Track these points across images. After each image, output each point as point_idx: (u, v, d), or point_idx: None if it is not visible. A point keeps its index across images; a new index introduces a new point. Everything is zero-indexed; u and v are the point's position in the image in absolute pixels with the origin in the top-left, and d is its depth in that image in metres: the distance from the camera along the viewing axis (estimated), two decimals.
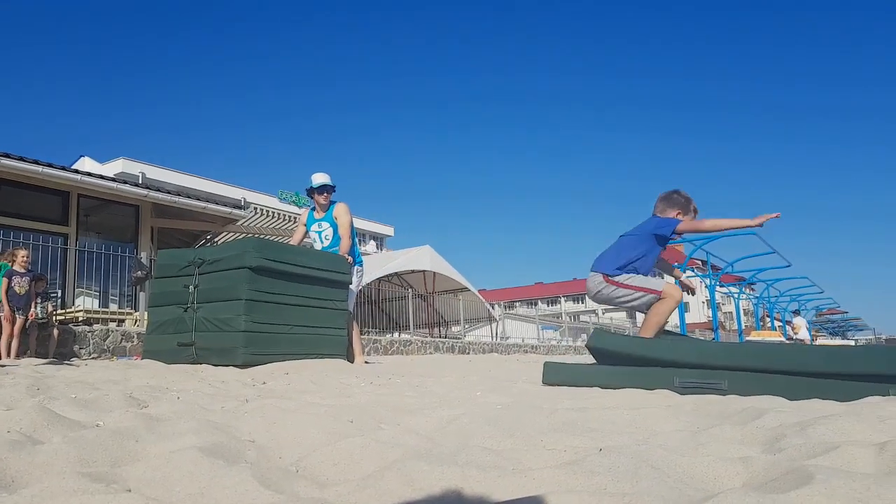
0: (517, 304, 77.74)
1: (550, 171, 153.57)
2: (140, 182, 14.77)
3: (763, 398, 2.80)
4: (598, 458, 1.34)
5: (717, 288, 20.97)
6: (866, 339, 46.34)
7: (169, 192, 13.48)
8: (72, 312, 9.71)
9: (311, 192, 6.96)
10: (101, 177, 12.65)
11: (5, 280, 7.53)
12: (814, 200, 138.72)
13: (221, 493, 1.18)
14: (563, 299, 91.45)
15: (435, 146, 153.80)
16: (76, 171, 12.07)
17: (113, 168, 31.18)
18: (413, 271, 22.54)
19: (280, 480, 1.25)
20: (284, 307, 5.91)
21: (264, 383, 3.81)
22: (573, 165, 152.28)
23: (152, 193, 12.91)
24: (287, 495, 1.17)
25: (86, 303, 11.86)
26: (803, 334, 22.72)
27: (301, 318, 6.06)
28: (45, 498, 1.04)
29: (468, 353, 17.81)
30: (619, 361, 3.99)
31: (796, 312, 26.32)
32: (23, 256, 7.85)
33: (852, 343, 26.88)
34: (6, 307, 7.40)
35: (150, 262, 10.98)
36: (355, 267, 6.99)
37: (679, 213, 4.67)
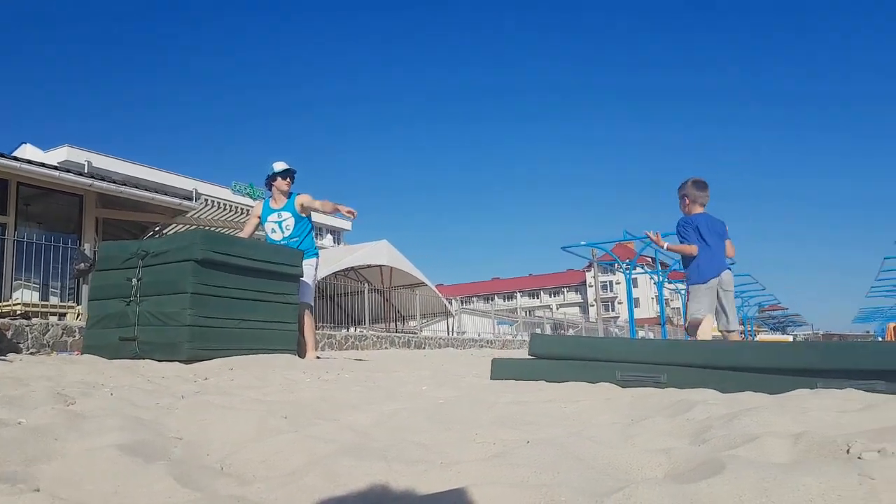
0: (474, 299, 78.17)
1: (507, 167, 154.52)
2: (85, 171, 14.36)
3: (697, 391, 2.87)
4: (524, 451, 1.36)
5: (665, 284, 21.44)
6: (804, 335, 47.99)
7: (115, 182, 13.11)
8: (9, 306, 9.38)
9: (273, 178, 6.83)
10: (43, 165, 12.22)
11: None
12: (757, 200, 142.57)
13: (136, 491, 1.16)
14: (518, 295, 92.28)
15: (393, 141, 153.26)
16: (15, 159, 11.65)
17: (57, 156, 30.17)
18: (370, 266, 22.43)
19: (201, 478, 1.24)
20: (232, 301, 5.81)
21: (206, 379, 3.75)
22: (531, 162, 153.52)
23: (97, 183, 12.54)
24: (205, 493, 1.15)
25: (24, 296, 11.45)
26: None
27: (249, 313, 5.96)
28: None
29: (424, 347, 17.82)
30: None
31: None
32: None
33: (790, 338, 27.80)
34: None
35: (94, 253, 10.66)
36: (311, 258, 6.89)
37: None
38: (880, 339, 29.78)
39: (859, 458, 1.25)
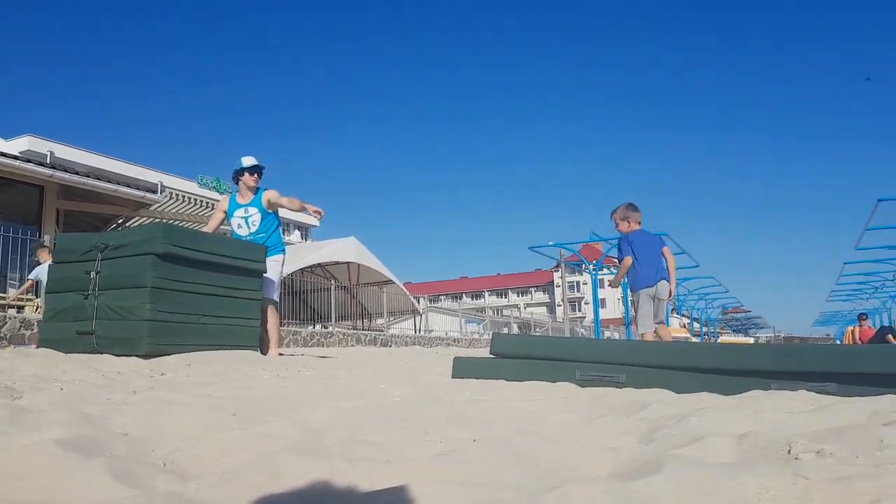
0: (442, 297, 78.15)
1: (477, 166, 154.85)
2: (47, 161, 14.02)
3: (653, 391, 2.91)
4: (471, 449, 1.36)
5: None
6: (766, 337, 49.00)
7: (77, 173, 12.85)
8: None
9: (241, 173, 6.73)
10: (3, 154, 11.94)
11: None
12: (722, 202, 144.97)
13: (72, 488, 1.13)
14: (487, 294, 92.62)
15: (363, 138, 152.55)
16: None
17: (18, 145, 29.40)
18: (337, 263, 22.30)
19: (141, 475, 1.21)
20: (193, 296, 5.72)
21: (163, 375, 3.70)
22: (500, 162, 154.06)
23: (58, 174, 12.28)
24: (143, 490, 1.13)
25: None
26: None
27: (211, 308, 5.88)
28: None
29: (391, 345, 17.79)
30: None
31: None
32: None
33: (751, 340, 28.36)
34: None
35: (55, 245, 10.41)
36: (278, 254, 6.82)
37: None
38: (839, 342, 30.58)
39: (797, 458, 1.28)
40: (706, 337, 31.89)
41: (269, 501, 1.10)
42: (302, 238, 48.60)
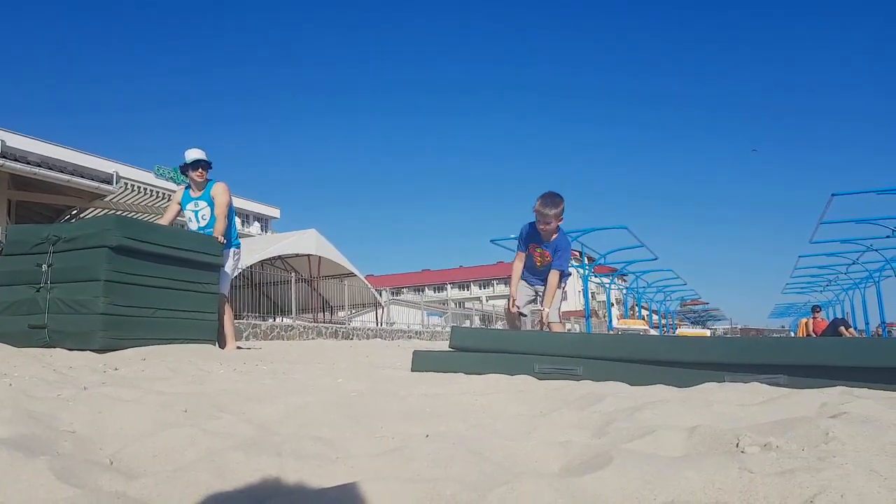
0: (404, 290, 78.11)
1: (439, 159, 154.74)
2: None
3: (609, 384, 2.95)
4: (420, 445, 1.36)
5: (591, 278, 21.96)
6: (724, 329, 50.03)
7: (29, 163, 12.48)
8: None
9: (186, 168, 6.64)
10: None
11: None
12: (681, 194, 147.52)
13: (13, 487, 1.10)
14: (449, 286, 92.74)
15: (325, 130, 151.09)
16: None
17: None
18: (298, 255, 22.13)
19: (84, 473, 1.19)
20: (148, 289, 5.62)
21: (116, 369, 3.62)
22: (462, 154, 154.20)
23: (9, 163, 11.91)
24: (87, 489, 1.10)
25: None
26: None
27: (167, 302, 5.79)
28: None
29: (352, 338, 17.72)
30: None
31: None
32: None
33: (708, 332, 28.95)
34: None
35: (5, 237, 10.12)
36: (231, 249, 6.76)
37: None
38: (793, 333, 31.38)
39: (743, 452, 1.30)
40: (665, 329, 32.45)
41: (215, 500, 1.09)
42: (262, 230, 47.98)
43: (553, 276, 5.39)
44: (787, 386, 2.94)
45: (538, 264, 5.53)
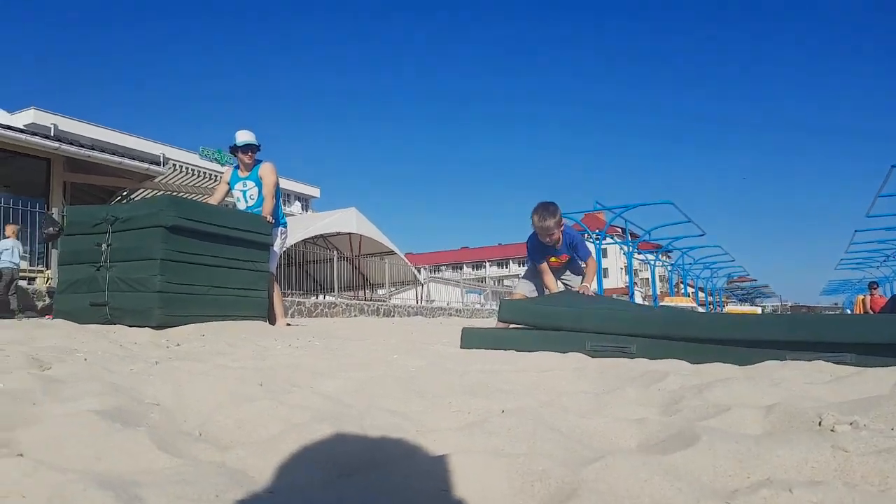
0: (443, 268, 78.35)
1: (477, 135, 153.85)
2: (52, 134, 13.95)
3: (667, 362, 2.92)
4: (498, 420, 1.37)
5: (635, 255, 21.68)
6: (773, 306, 48.89)
7: (83, 146, 12.80)
8: None
9: (235, 150, 6.76)
10: (9, 127, 11.88)
11: None
12: (731, 170, 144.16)
13: (118, 456, 1.15)
14: (487, 264, 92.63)
15: (364, 108, 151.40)
16: None
17: (23, 118, 29.20)
18: (339, 233, 22.32)
19: (180, 444, 1.23)
20: (202, 268, 5.75)
21: (178, 345, 3.73)
22: (501, 131, 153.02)
23: (64, 146, 12.24)
24: (186, 459, 1.15)
25: None
26: None
27: (220, 280, 5.92)
28: None
29: (393, 315, 17.87)
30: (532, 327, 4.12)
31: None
32: None
33: (759, 310, 28.32)
34: None
35: (62, 218, 10.43)
36: (279, 228, 6.87)
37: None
38: (848, 311, 30.47)
39: (832, 430, 1.28)
40: (711, 306, 31.87)
41: (307, 470, 1.12)
42: (303, 209, 48.50)
43: (590, 263, 5.53)
44: (854, 364, 2.88)
45: (556, 267, 5.63)
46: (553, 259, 5.49)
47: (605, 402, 1.86)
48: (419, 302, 24.44)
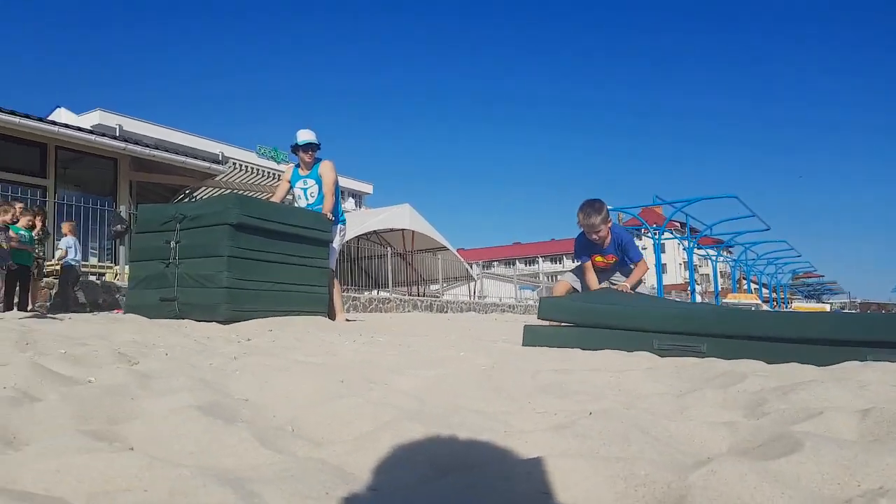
0: (495, 263, 78.17)
1: (531, 132, 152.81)
2: (117, 135, 14.48)
3: (743, 362, 2.86)
4: (588, 422, 1.36)
5: (695, 250, 21.19)
6: (840, 304, 47.07)
7: (147, 146, 13.23)
8: (52, 265, 9.61)
9: (296, 148, 6.89)
10: (80, 129, 12.38)
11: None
12: (797, 164, 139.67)
13: (222, 451, 1.19)
14: (540, 259, 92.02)
15: (415, 105, 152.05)
16: (53, 123, 11.78)
17: (89, 120, 30.32)
18: (392, 229, 22.50)
19: (278, 440, 1.27)
20: (266, 264, 5.90)
21: (249, 340, 3.82)
22: (553, 129, 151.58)
23: (130, 146, 12.68)
24: (286, 455, 1.18)
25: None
26: None
27: (282, 276, 6.06)
28: (49, 455, 1.04)
29: (446, 311, 17.93)
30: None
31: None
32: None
33: (827, 307, 27.29)
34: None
35: (130, 215, 10.84)
36: (338, 225, 6.97)
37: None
38: None
39: None
40: (777, 303, 30.90)
41: (403, 468, 1.14)
42: (356, 206, 49.00)
43: (640, 265, 5.39)
44: None
45: (602, 268, 5.54)
46: (599, 258, 5.44)
47: (686, 403, 1.83)
48: (472, 298, 24.45)
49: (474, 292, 25.49)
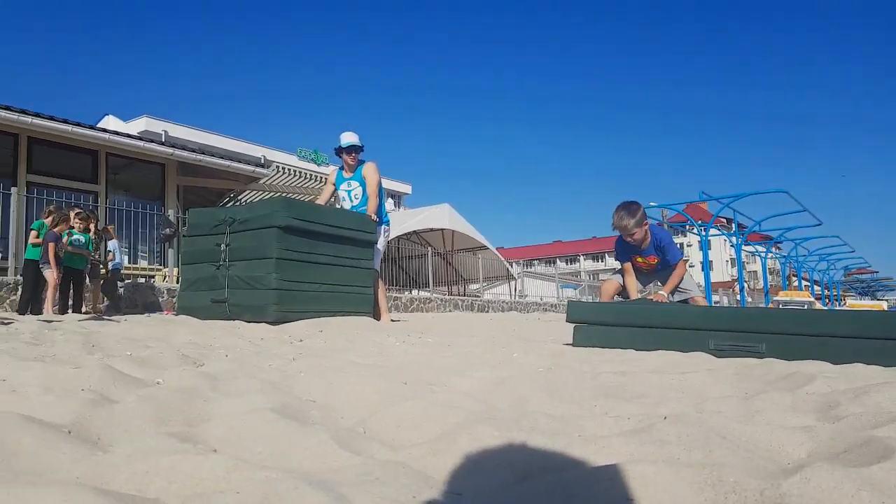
0: (536, 262, 77.68)
1: (570, 130, 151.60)
2: (163, 140, 14.81)
3: (807, 363, 2.79)
4: (664, 427, 1.34)
5: (743, 247, 20.72)
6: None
7: (193, 151, 13.52)
8: (104, 268, 9.89)
9: (340, 151, 6.95)
10: (129, 135, 12.72)
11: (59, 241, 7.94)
12: (851, 158, 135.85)
13: (302, 453, 1.20)
14: (582, 258, 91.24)
15: (454, 105, 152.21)
16: (104, 130, 12.12)
17: (136, 126, 31.05)
18: (432, 229, 22.55)
19: (354, 442, 1.28)
20: (313, 266, 5.97)
21: (301, 341, 3.87)
22: (593, 127, 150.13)
23: (178, 152, 12.97)
24: (365, 457, 1.19)
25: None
26: None
27: (329, 277, 6.12)
28: (138, 457, 1.07)
29: (487, 311, 17.89)
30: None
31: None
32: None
33: (884, 305, 26.35)
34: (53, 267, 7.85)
35: (177, 219, 11.09)
36: (382, 226, 7.01)
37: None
38: None
39: None
40: (828, 301, 30.03)
41: (482, 472, 1.13)
42: (395, 206, 49.25)
43: (679, 266, 5.32)
44: None
45: (644, 270, 5.49)
46: (639, 259, 5.40)
47: (756, 407, 1.79)
48: (512, 297, 24.36)
49: (515, 291, 25.39)
